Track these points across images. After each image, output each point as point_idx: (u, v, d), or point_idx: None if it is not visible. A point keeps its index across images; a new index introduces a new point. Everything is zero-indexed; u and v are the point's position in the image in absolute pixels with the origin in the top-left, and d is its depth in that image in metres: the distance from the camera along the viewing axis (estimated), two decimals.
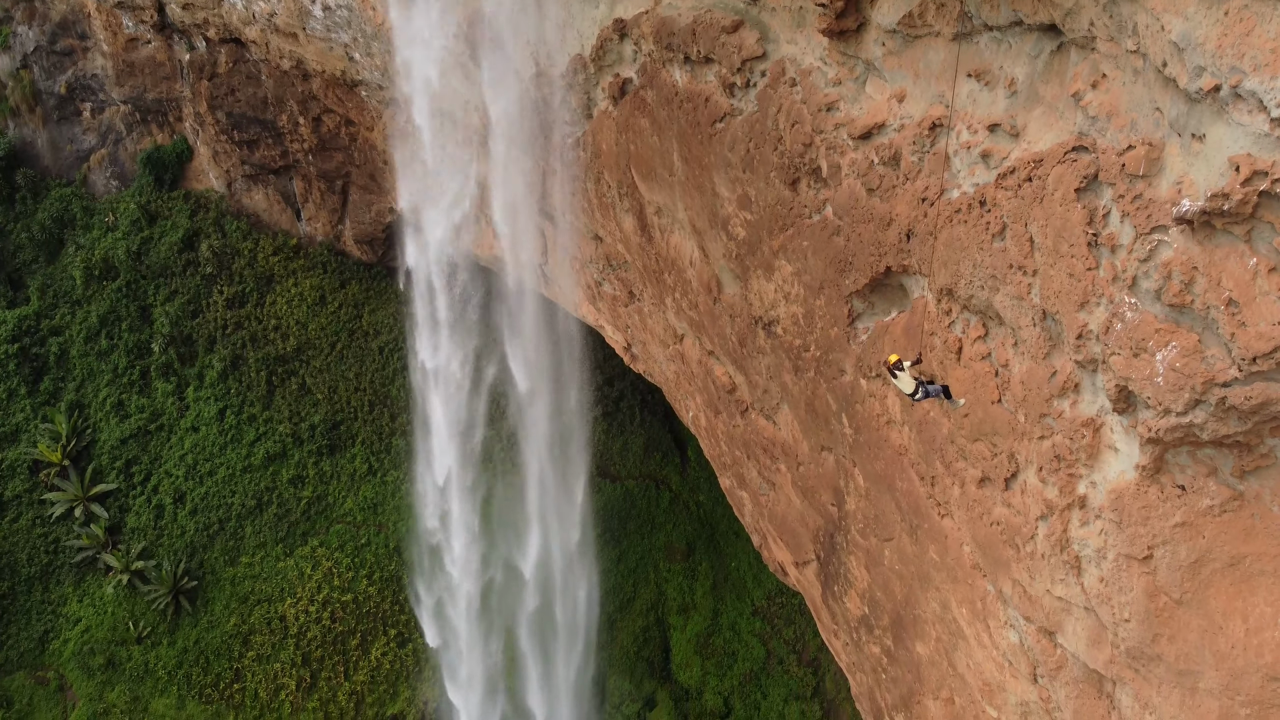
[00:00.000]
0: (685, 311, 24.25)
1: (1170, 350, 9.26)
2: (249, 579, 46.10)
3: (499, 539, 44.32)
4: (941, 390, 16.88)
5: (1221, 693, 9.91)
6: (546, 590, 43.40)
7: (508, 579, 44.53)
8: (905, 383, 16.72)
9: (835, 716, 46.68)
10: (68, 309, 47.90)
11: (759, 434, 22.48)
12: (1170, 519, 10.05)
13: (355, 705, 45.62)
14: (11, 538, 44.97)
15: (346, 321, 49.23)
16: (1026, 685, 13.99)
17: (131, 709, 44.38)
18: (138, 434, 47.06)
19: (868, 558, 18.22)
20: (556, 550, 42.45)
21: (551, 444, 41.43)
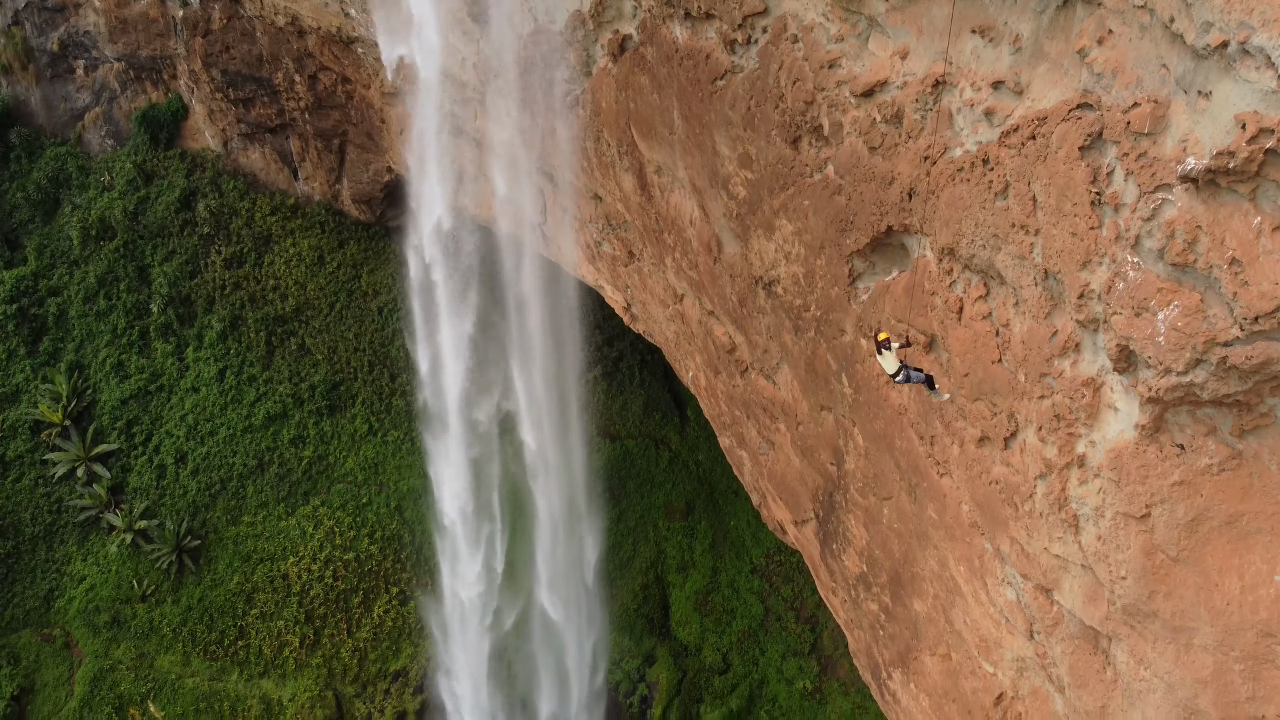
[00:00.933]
0: (685, 271, 24.18)
1: (1172, 310, 9.25)
2: (251, 538, 46.45)
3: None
4: (925, 379, 17.09)
5: (1216, 648, 10.03)
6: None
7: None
8: (889, 362, 16.87)
9: (833, 672, 47.30)
10: (65, 269, 47.77)
11: (759, 394, 22.52)
12: (1169, 478, 10.10)
13: (358, 662, 46.18)
14: (14, 497, 45.24)
15: (345, 282, 49.13)
16: (1023, 641, 14.15)
17: (138, 665, 44.94)
18: (138, 394, 47.16)
19: (866, 516, 18.35)
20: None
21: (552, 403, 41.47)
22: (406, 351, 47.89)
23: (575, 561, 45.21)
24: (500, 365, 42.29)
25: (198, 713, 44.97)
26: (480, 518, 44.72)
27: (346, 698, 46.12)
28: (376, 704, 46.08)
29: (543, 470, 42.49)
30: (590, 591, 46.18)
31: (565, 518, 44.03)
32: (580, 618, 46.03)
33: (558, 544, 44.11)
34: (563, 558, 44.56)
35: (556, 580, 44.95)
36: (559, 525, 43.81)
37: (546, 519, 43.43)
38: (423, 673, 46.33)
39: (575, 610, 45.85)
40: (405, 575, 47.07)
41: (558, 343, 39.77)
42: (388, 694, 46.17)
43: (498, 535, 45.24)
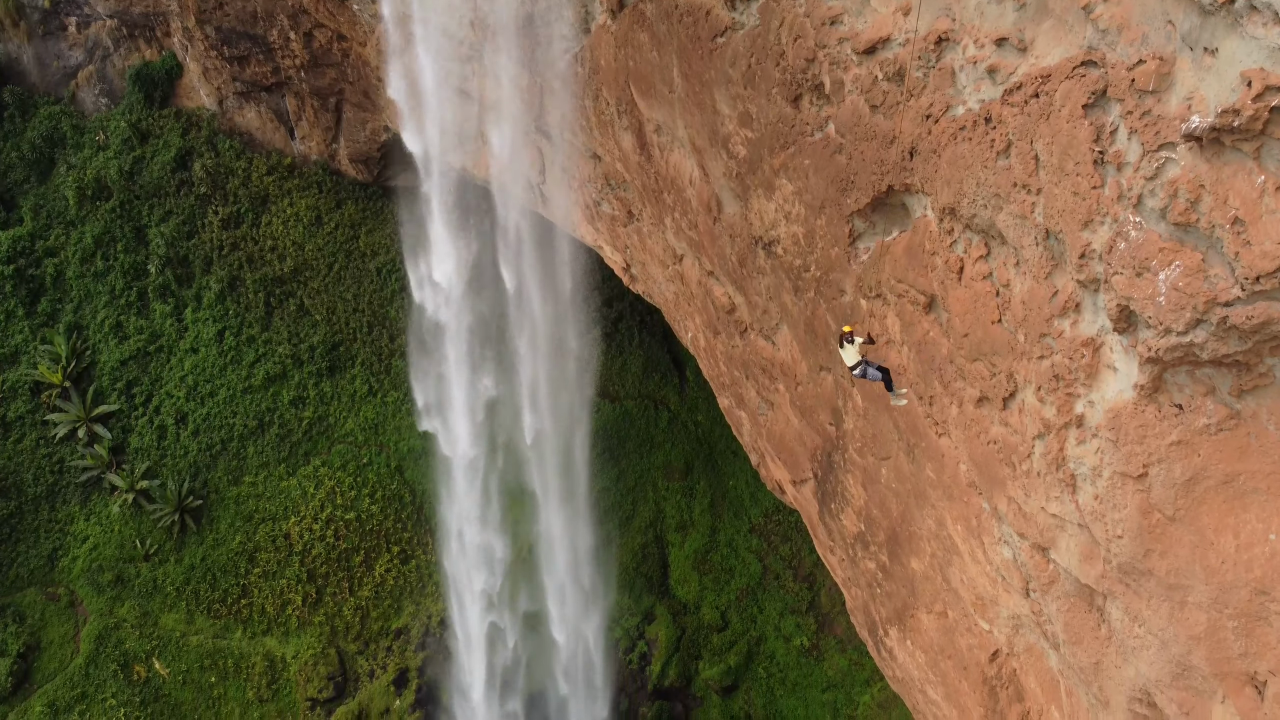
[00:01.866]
0: (685, 232, 24.07)
1: (1173, 270, 9.22)
2: (253, 498, 46.72)
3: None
4: (881, 376, 17.25)
5: (1210, 606, 10.12)
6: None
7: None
8: (850, 355, 17.10)
9: (830, 630, 47.85)
10: (62, 230, 47.53)
11: (758, 354, 22.53)
12: (1166, 438, 10.13)
13: (360, 620, 46.67)
14: (16, 458, 45.41)
15: (343, 242, 48.92)
16: (1019, 599, 14.29)
17: (142, 623, 45.41)
18: (137, 355, 47.16)
19: (865, 476, 18.44)
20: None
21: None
22: (405, 312, 47.84)
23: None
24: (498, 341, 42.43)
25: (202, 670, 45.54)
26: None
27: (349, 655, 46.68)
28: (379, 661, 46.65)
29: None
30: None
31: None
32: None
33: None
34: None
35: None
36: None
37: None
38: (424, 630, 46.84)
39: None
40: (406, 534, 47.43)
41: (556, 304, 39.72)
42: (390, 651, 46.72)
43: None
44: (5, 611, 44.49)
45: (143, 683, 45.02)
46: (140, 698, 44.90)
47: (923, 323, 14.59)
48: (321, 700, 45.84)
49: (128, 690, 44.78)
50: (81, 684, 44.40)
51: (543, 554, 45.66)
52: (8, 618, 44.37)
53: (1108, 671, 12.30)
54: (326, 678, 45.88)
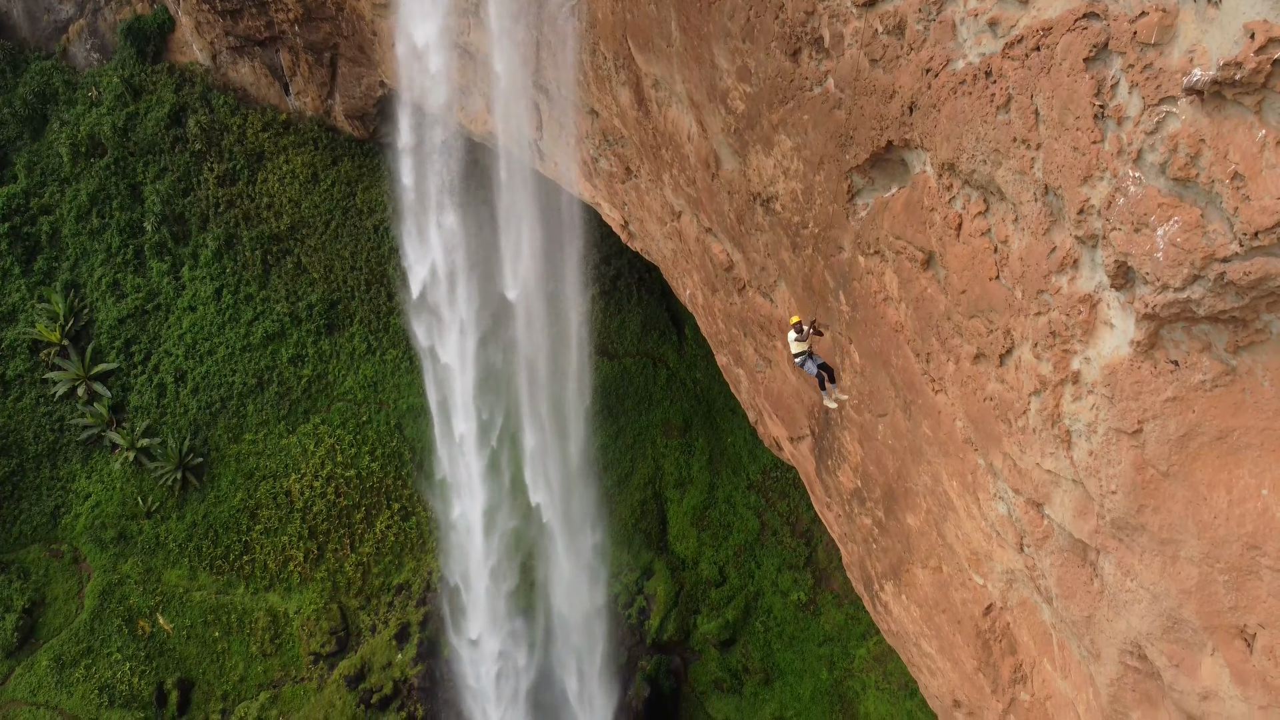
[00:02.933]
0: (683, 188, 23.92)
1: (1172, 225, 9.17)
2: (253, 455, 46.93)
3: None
4: (819, 370, 17.61)
5: (1201, 560, 10.21)
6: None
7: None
8: (796, 344, 17.50)
9: (827, 585, 48.33)
10: (56, 187, 47.26)
11: (756, 311, 22.51)
12: (1162, 394, 10.14)
13: (362, 575, 47.10)
14: (16, 416, 45.55)
15: (340, 200, 48.65)
16: (1013, 554, 14.42)
17: (145, 579, 45.85)
18: (135, 313, 47.13)
19: (861, 433, 18.50)
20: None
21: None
22: (403, 270, 47.70)
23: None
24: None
25: (206, 625, 46.07)
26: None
27: (351, 610, 47.18)
28: (380, 616, 47.16)
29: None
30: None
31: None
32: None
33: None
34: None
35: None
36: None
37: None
38: (425, 585, 47.30)
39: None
40: (406, 491, 47.70)
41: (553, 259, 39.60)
42: (391, 606, 47.22)
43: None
44: (9, 568, 44.90)
45: (147, 637, 45.57)
46: (145, 652, 45.46)
47: (921, 279, 14.56)
48: (324, 654, 46.43)
49: (132, 645, 45.33)
50: (86, 639, 44.94)
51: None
52: (12, 574, 44.78)
53: (1099, 625, 12.44)
54: (329, 632, 46.42)
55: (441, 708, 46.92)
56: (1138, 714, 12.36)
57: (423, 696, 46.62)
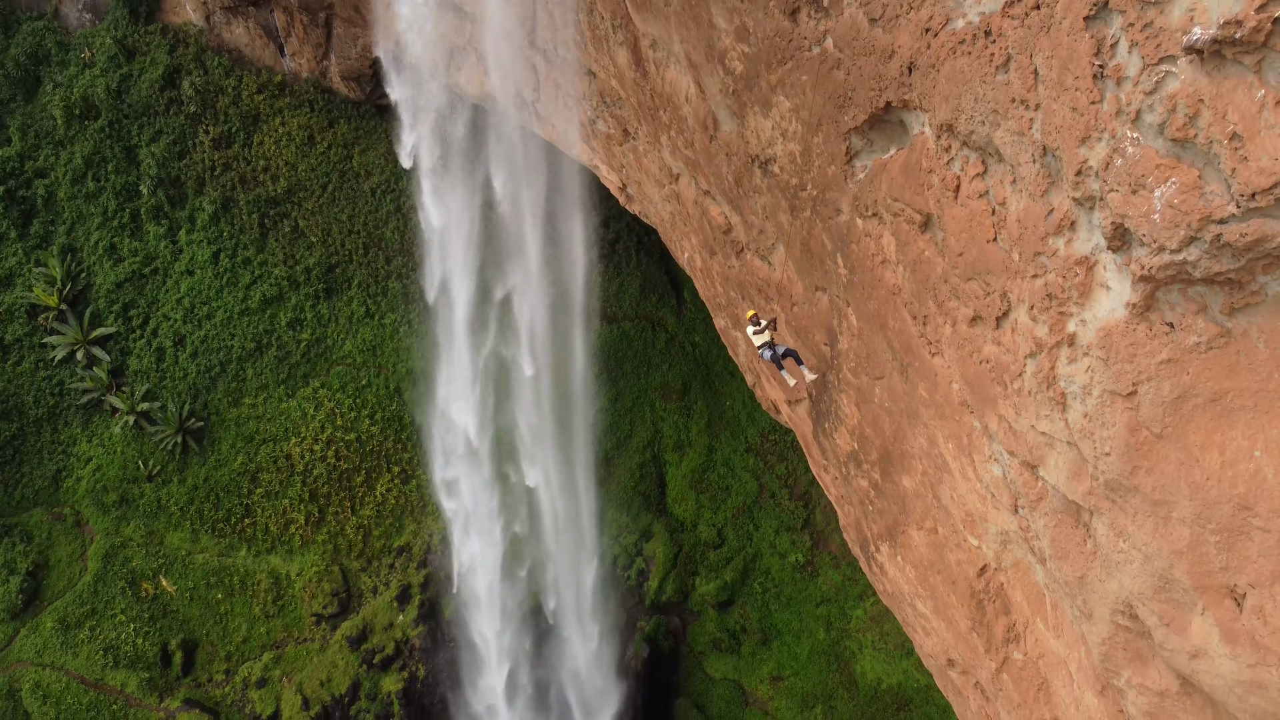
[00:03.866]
0: (681, 150, 23.77)
1: (1169, 187, 9.12)
2: (253, 419, 47.08)
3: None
4: (775, 357, 18.02)
5: (1193, 521, 10.27)
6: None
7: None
8: (757, 337, 17.95)
9: (824, 546, 48.71)
10: (51, 150, 46.94)
11: (754, 275, 22.46)
12: (1157, 356, 10.15)
13: (363, 538, 47.43)
14: (16, 380, 45.62)
15: (337, 162, 48.34)
16: (1007, 516, 14.51)
17: (148, 542, 46.18)
18: (133, 277, 47.03)
19: (858, 396, 18.55)
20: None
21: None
22: (401, 234, 47.53)
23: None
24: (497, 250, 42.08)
25: (209, 587, 46.48)
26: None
27: (352, 572, 47.59)
28: (382, 578, 47.57)
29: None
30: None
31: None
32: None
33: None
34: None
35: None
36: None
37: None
38: (425, 548, 47.65)
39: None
40: (406, 455, 47.90)
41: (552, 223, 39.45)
42: (392, 568, 47.61)
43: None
44: (13, 531, 45.22)
45: (151, 599, 46.00)
46: (149, 614, 45.91)
47: (918, 242, 14.51)
48: (326, 616, 46.90)
49: (136, 606, 45.77)
50: (90, 601, 45.36)
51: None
52: (15, 537, 45.10)
53: (1092, 585, 12.55)
54: (331, 594, 46.86)
55: (443, 668, 47.49)
56: (1128, 672, 12.51)
57: (424, 657, 47.18)
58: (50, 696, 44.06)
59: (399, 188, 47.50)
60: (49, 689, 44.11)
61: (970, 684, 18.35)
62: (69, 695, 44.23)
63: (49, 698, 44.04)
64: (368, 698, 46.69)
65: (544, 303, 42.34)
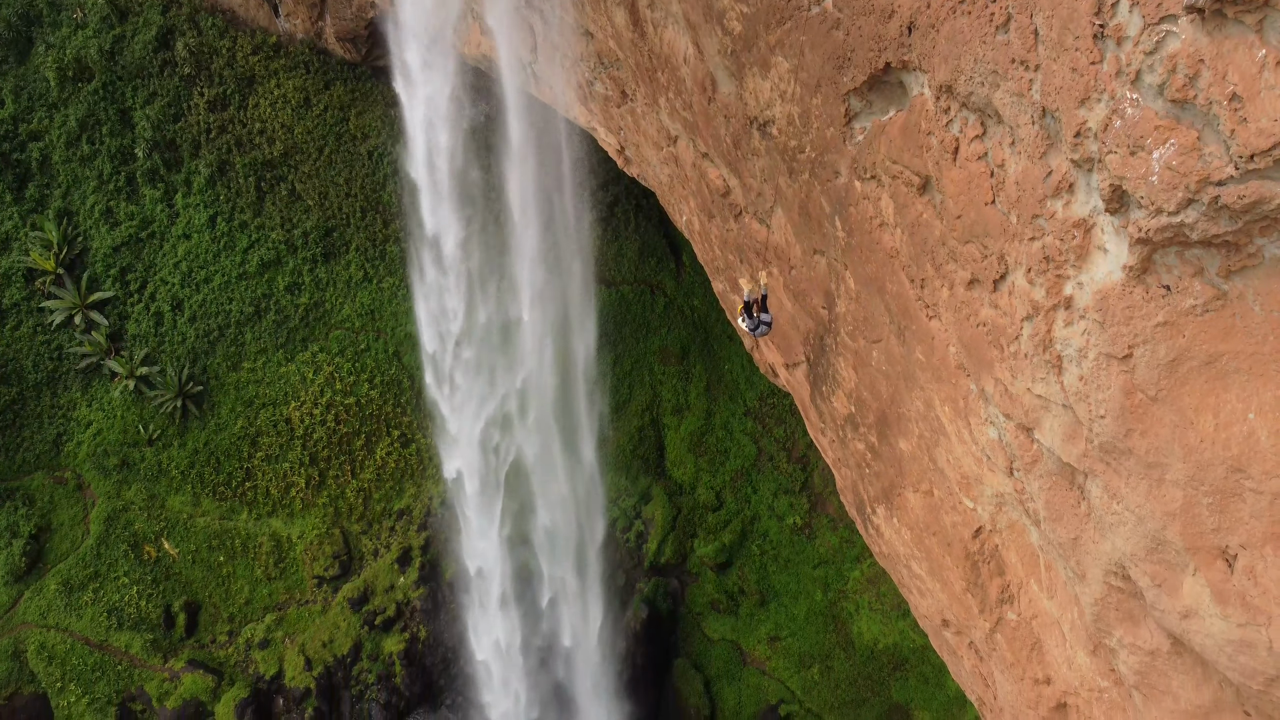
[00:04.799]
0: (679, 112, 23.59)
1: (1168, 148, 9.07)
2: (253, 384, 47.14)
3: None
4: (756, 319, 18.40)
5: (1186, 483, 10.34)
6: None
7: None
8: (746, 323, 18.16)
9: (822, 509, 49.01)
10: (45, 112, 46.55)
11: (752, 238, 22.40)
12: (1153, 319, 10.16)
13: (364, 501, 47.70)
14: (15, 345, 45.62)
15: (333, 125, 47.97)
16: (1002, 478, 14.59)
17: (149, 506, 46.43)
18: (129, 241, 46.86)
19: (856, 359, 18.58)
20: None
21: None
22: (399, 197, 47.29)
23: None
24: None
25: (210, 549, 46.81)
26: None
27: (353, 535, 47.92)
28: (383, 540, 47.90)
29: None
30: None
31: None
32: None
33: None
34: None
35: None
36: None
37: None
38: (425, 510, 47.94)
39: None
40: (406, 419, 48.03)
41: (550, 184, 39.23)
42: (393, 531, 47.93)
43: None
44: (15, 495, 45.46)
45: (153, 562, 46.36)
46: (151, 576, 46.29)
47: (916, 204, 14.45)
48: (328, 578, 47.29)
49: (139, 569, 46.13)
50: (94, 563, 45.71)
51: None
52: (17, 500, 45.35)
53: (1085, 546, 12.66)
54: (332, 556, 47.22)
55: (444, 628, 47.96)
56: (1120, 632, 12.65)
57: (425, 618, 47.62)
58: (55, 657, 44.55)
59: (396, 150, 47.19)
60: (54, 650, 44.59)
61: (965, 644, 18.57)
62: (74, 656, 44.72)
63: (54, 658, 44.52)
64: (369, 658, 47.21)
65: (543, 264, 42.21)
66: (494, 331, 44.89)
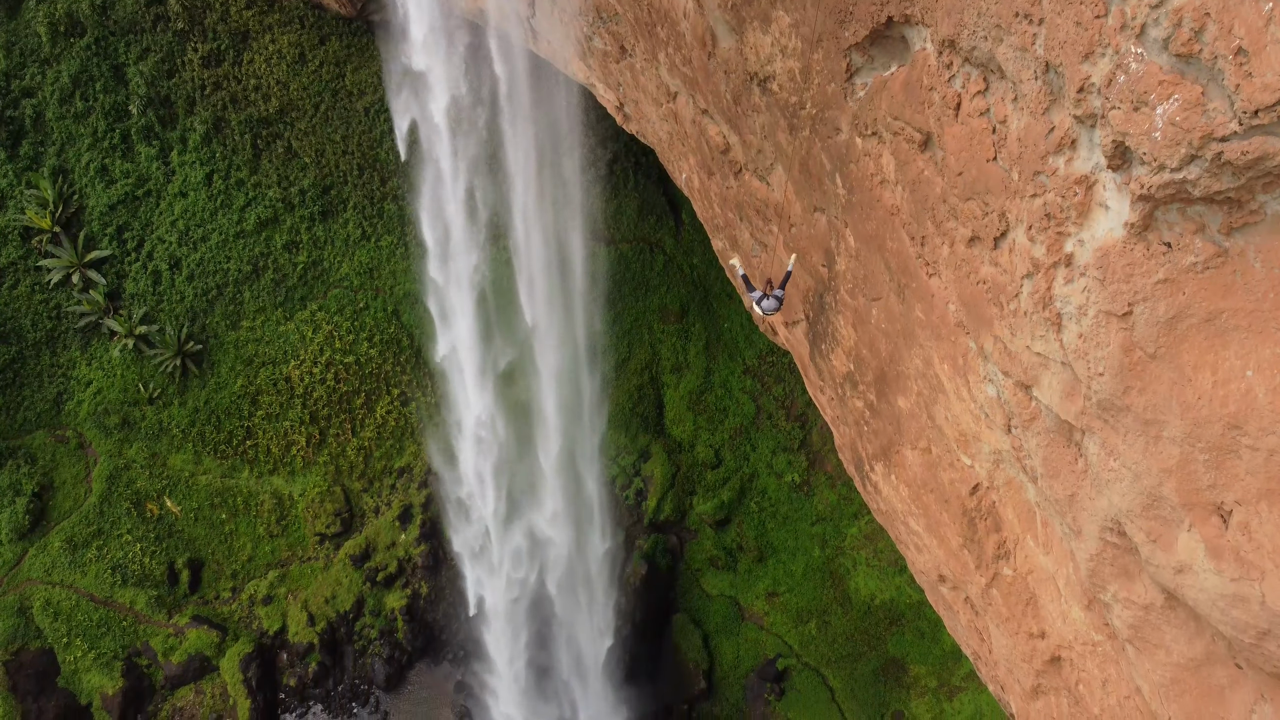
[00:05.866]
0: (678, 68, 23.34)
1: (1171, 104, 8.98)
2: (252, 342, 47.16)
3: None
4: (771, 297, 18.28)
5: (1183, 440, 10.37)
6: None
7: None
8: (770, 304, 18.04)
9: (820, 466, 49.27)
10: (37, 68, 46.04)
11: (752, 195, 22.28)
12: (1153, 276, 10.13)
13: (364, 459, 47.92)
14: (13, 304, 45.55)
15: (329, 81, 47.49)
16: (1000, 436, 14.65)
17: (151, 464, 46.66)
18: (125, 200, 46.58)
19: (855, 317, 18.56)
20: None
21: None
22: (396, 154, 46.94)
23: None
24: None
25: (213, 507, 47.12)
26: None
27: (354, 493, 48.22)
28: (384, 498, 48.21)
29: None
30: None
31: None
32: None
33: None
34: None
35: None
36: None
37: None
38: (426, 469, 48.19)
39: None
40: (405, 378, 48.11)
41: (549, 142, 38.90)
42: (394, 489, 48.23)
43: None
44: (17, 453, 45.65)
45: (156, 519, 46.69)
46: (154, 533, 46.64)
47: (918, 161, 14.36)
48: (330, 535, 47.66)
49: (142, 526, 46.47)
50: (96, 521, 46.03)
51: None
52: (20, 459, 45.55)
53: (1082, 503, 12.74)
54: (333, 514, 47.55)
55: (445, 585, 48.43)
56: (1115, 587, 12.78)
57: (426, 575, 48.08)
58: (61, 614, 45.03)
59: (393, 105, 46.75)
60: (59, 606, 45.06)
61: (960, 599, 18.77)
62: (79, 612, 45.20)
63: (60, 615, 45.01)
64: (372, 614, 47.75)
65: (542, 221, 41.96)
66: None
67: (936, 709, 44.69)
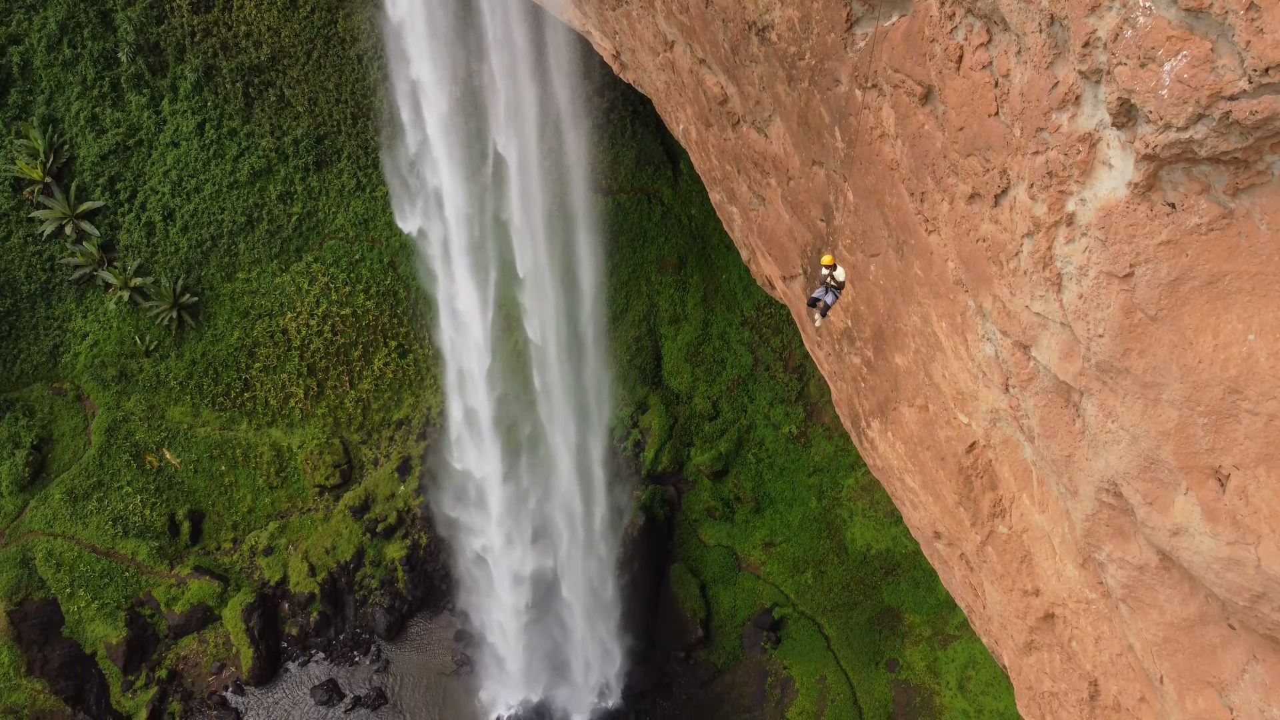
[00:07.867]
0: (675, 15, 22.83)
1: (1180, 60, 8.71)
2: (248, 294, 46.90)
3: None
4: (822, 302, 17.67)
5: (1182, 403, 10.27)
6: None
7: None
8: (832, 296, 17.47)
9: (817, 418, 49.31)
10: (23, 14, 45.15)
11: (750, 148, 21.93)
12: (1156, 237, 9.93)
13: (362, 411, 47.94)
14: (6, 256, 45.21)
15: (321, 27, 46.60)
16: (997, 395, 14.55)
17: (149, 416, 46.69)
18: (117, 149, 45.98)
19: (853, 273, 18.36)
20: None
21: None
22: (390, 103, 46.21)
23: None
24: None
25: (212, 459, 47.24)
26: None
27: (353, 445, 48.32)
28: (382, 450, 48.32)
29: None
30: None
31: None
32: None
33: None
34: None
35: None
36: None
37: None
38: (424, 420, 48.22)
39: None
40: (403, 329, 47.94)
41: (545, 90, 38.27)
42: (392, 441, 48.32)
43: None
44: (15, 406, 45.64)
45: (156, 471, 46.84)
46: (154, 485, 46.82)
47: (918, 115, 14.05)
48: (329, 487, 47.87)
49: (142, 478, 46.63)
50: (96, 473, 46.18)
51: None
52: (18, 412, 45.55)
53: (1078, 464, 12.67)
54: (332, 466, 47.70)
55: (444, 535, 48.76)
56: (1110, 547, 12.77)
57: (425, 525, 48.37)
58: (64, 565, 45.38)
59: (386, 54, 45.95)
60: (61, 557, 45.40)
61: (956, 555, 18.84)
62: (81, 563, 45.55)
63: (62, 565, 45.37)
64: (372, 564, 48.15)
65: (540, 170, 41.41)
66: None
67: (930, 657, 45.28)
